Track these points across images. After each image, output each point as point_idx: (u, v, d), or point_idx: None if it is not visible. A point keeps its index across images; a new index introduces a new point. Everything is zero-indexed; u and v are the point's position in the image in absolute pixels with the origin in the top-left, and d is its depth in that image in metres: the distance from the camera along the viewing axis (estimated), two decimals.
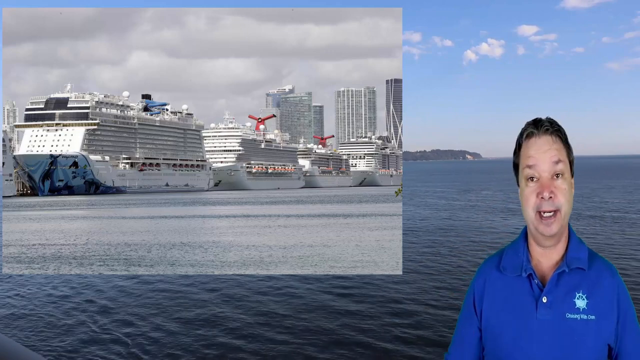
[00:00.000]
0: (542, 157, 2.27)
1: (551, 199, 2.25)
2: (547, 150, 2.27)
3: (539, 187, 2.26)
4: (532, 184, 2.29)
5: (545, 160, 2.26)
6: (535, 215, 2.27)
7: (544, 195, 2.25)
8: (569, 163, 2.30)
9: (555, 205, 2.25)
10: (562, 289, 2.27)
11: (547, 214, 2.25)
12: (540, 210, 2.25)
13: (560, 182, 2.26)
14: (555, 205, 2.25)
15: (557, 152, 2.27)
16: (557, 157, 2.26)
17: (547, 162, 2.26)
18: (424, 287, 19.42)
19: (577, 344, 2.21)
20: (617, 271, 2.34)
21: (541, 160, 2.27)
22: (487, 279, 2.41)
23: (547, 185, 2.25)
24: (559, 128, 2.31)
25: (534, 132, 2.30)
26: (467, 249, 27.77)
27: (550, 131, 2.29)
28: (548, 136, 2.28)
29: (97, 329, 15.63)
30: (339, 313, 16.40)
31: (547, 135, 2.29)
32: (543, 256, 2.34)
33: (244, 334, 14.78)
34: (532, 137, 2.30)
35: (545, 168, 2.26)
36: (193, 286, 20.38)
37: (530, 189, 2.29)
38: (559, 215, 2.25)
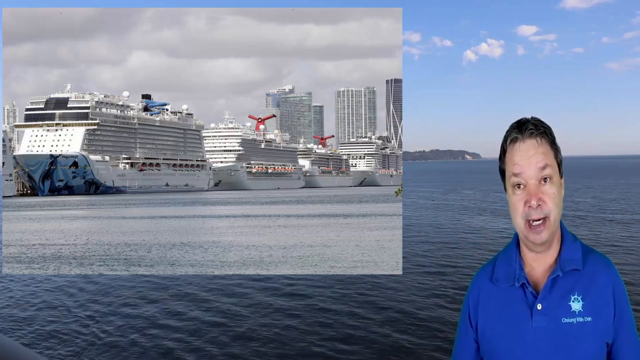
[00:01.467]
0: (527, 162, 2.21)
1: (539, 206, 2.20)
2: (533, 156, 2.20)
3: (527, 195, 2.21)
4: (519, 191, 2.23)
5: (531, 166, 2.20)
6: (524, 224, 2.23)
7: (531, 204, 2.20)
8: (557, 165, 2.25)
9: (544, 212, 2.20)
10: (557, 294, 2.23)
11: (536, 223, 2.21)
12: (529, 218, 2.21)
13: (548, 187, 2.21)
14: (544, 213, 2.20)
15: (543, 156, 2.21)
16: (543, 161, 2.21)
17: (533, 168, 2.20)
18: (423, 287, 19.43)
19: (574, 348, 2.19)
20: (612, 264, 2.30)
21: (527, 167, 2.21)
22: (481, 291, 2.37)
23: (534, 193, 2.20)
24: (544, 129, 2.23)
25: (517, 137, 2.23)
26: (465, 249, 27.79)
27: (535, 134, 2.21)
28: (533, 139, 2.21)
29: (97, 329, 15.63)
30: (338, 313, 16.40)
31: (532, 138, 2.21)
32: (536, 261, 2.30)
33: (244, 333, 14.78)
34: (517, 142, 2.23)
35: (532, 174, 2.20)
36: (193, 286, 20.38)
37: (517, 197, 2.24)
38: (548, 222, 2.21)
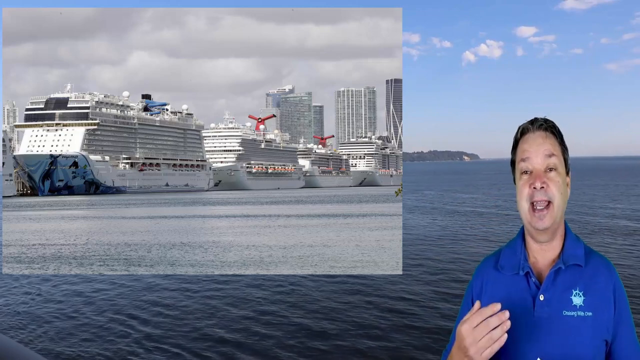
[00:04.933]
0: (535, 150, 2.32)
1: (543, 189, 2.29)
2: (541, 144, 2.33)
3: (532, 178, 2.32)
4: (525, 176, 2.34)
5: (539, 153, 2.32)
6: (528, 208, 2.30)
7: (535, 185, 2.29)
8: (563, 160, 2.35)
9: (548, 195, 2.28)
10: (559, 286, 2.28)
11: (540, 206, 2.28)
12: (533, 200, 2.29)
13: (554, 175, 2.31)
14: (548, 196, 2.28)
15: (550, 146, 2.33)
16: (550, 150, 2.32)
17: (540, 154, 2.32)
18: (424, 287, 19.43)
19: (575, 341, 2.22)
20: (613, 267, 2.35)
21: (534, 153, 2.32)
22: (485, 278, 2.43)
23: (539, 175, 2.30)
24: (554, 125, 2.38)
25: (529, 127, 2.37)
26: (465, 250, 27.79)
27: (544, 127, 2.35)
28: (542, 131, 2.35)
29: (97, 329, 15.63)
30: (338, 313, 16.40)
31: (541, 130, 2.35)
32: (540, 254, 2.36)
33: (244, 333, 14.78)
34: (527, 132, 2.37)
35: (539, 160, 2.31)
36: (193, 286, 20.38)
37: (523, 180, 2.34)
38: (551, 207, 2.28)
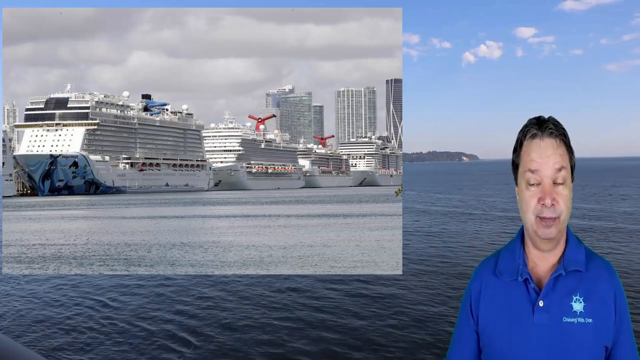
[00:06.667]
0: (545, 161, 2.21)
1: (553, 206, 2.21)
2: (551, 155, 2.22)
3: (541, 193, 2.22)
4: (533, 188, 2.25)
5: (549, 165, 2.21)
6: (535, 219, 2.24)
7: (545, 202, 2.21)
8: (570, 169, 2.26)
9: (557, 212, 2.21)
10: (559, 293, 2.24)
11: (548, 221, 2.22)
12: (541, 216, 2.22)
13: (562, 189, 2.22)
14: (557, 213, 2.21)
15: (560, 157, 2.22)
16: (560, 163, 2.22)
17: (550, 168, 2.21)
18: (423, 287, 19.43)
19: (574, 348, 2.19)
20: (615, 271, 2.31)
21: (544, 166, 2.22)
22: (484, 283, 2.38)
23: (549, 192, 2.21)
24: (564, 131, 2.26)
25: (537, 133, 2.24)
26: (465, 250, 27.79)
27: (555, 134, 2.23)
28: (552, 139, 2.23)
29: (97, 329, 15.63)
30: (338, 313, 16.40)
31: (552, 138, 2.23)
32: (540, 259, 2.31)
33: (244, 333, 14.78)
34: (535, 138, 2.25)
35: (548, 174, 2.22)
36: (193, 286, 20.38)
37: (531, 192, 2.24)
38: (558, 221, 2.22)
